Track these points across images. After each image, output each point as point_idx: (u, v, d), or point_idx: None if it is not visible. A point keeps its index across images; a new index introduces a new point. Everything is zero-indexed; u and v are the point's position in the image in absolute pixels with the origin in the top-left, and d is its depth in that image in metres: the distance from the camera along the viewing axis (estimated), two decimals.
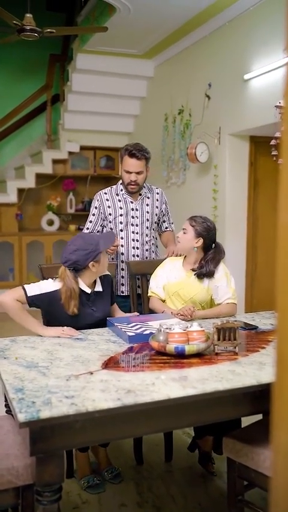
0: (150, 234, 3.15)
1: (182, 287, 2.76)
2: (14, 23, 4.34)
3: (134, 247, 3.09)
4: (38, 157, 7.00)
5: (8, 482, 1.74)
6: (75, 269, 2.39)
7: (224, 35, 4.86)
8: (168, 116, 5.90)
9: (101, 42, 5.67)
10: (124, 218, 3.07)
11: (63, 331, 2.34)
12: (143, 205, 3.13)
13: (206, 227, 2.75)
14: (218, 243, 2.83)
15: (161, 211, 3.21)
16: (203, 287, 2.73)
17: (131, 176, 3.01)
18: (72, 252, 2.38)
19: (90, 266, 2.40)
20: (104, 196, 3.13)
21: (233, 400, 1.87)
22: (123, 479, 2.62)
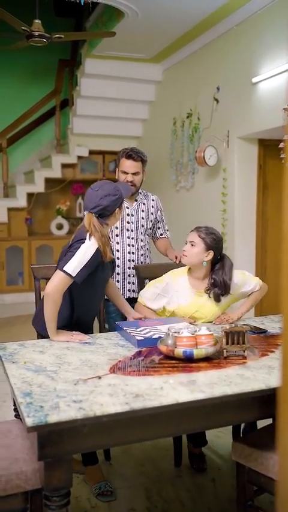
0: (144, 240, 3.18)
1: (196, 309, 2.62)
2: (23, 29, 4.37)
3: (129, 252, 3.11)
4: (47, 161, 7.04)
5: (16, 486, 1.74)
6: (101, 216, 2.37)
7: (232, 39, 4.86)
8: (177, 120, 5.90)
9: (109, 47, 5.69)
10: (119, 223, 3.09)
11: (72, 336, 2.34)
12: (138, 211, 3.15)
13: (215, 238, 2.59)
14: (224, 254, 2.69)
15: (155, 218, 3.24)
16: (220, 307, 2.63)
17: (128, 177, 3.04)
18: (103, 197, 2.34)
19: (115, 213, 2.40)
20: None
21: (242, 405, 1.86)
22: (115, 499, 2.50)
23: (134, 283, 3.11)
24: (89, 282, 2.36)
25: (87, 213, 2.37)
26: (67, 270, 2.25)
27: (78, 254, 2.27)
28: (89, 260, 2.28)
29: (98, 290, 2.51)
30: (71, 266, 2.25)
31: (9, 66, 7.14)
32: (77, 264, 2.26)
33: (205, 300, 2.63)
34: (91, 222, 2.34)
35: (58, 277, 2.27)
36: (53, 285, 2.26)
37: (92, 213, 2.36)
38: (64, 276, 2.26)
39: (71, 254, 2.28)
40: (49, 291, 2.26)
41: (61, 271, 2.26)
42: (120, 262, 3.09)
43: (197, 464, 2.76)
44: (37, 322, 2.49)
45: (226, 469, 2.75)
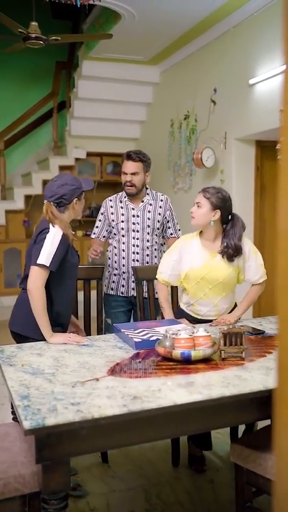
0: (151, 240, 3.21)
1: (209, 271, 2.58)
2: (20, 31, 4.38)
3: (134, 252, 3.18)
4: (45, 164, 7.03)
5: (14, 489, 1.73)
6: (59, 205, 2.41)
7: (229, 41, 4.87)
8: (174, 122, 5.91)
9: (106, 49, 5.70)
10: (125, 224, 3.17)
11: (70, 338, 2.33)
12: (144, 211, 3.20)
13: (221, 197, 2.56)
14: (235, 214, 2.64)
15: (164, 218, 3.27)
16: (233, 268, 2.60)
17: (127, 177, 3.12)
18: (60, 186, 2.41)
19: (74, 203, 2.44)
20: (109, 203, 3.26)
21: (240, 406, 1.86)
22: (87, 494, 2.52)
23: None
24: (62, 270, 2.39)
25: (46, 202, 2.43)
26: (40, 262, 2.28)
27: (46, 244, 2.31)
28: (58, 246, 2.33)
29: (72, 277, 2.52)
30: (43, 257, 2.29)
31: (7, 69, 7.14)
32: (48, 254, 2.30)
33: (218, 261, 2.60)
34: (48, 210, 2.39)
35: (34, 272, 2.30)
36: (32, 282, 2.29)
37: (50, 202, 2.41)
38: (39, 269, 2.29)
39: (39, 246, 2.32)
40: (31, 288, 2.29)
41: (35, 266, 2.29)
42: (125, 262, 3.17)
43: (196, 466, 2.76)
44: (14, 322, 2.47)
45: (225, 471, 2.75)
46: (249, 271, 2.66)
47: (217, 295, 2.65)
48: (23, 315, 2.41)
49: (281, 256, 0.70)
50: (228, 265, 2.60)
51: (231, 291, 2.70)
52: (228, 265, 2.61)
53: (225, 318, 2.62)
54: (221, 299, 2.67)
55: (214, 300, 2.66)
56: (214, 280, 2.60)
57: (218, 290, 2.64)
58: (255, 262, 2.64)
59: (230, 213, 2.63)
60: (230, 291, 2.69)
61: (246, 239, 2.67)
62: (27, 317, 2.37)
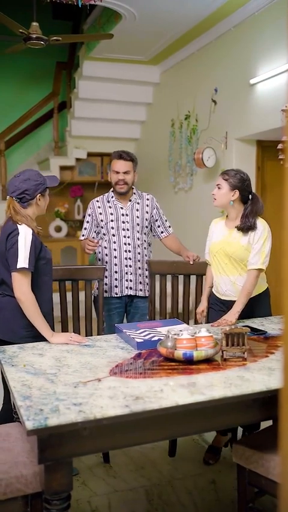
0: (142, 238, 3.24)
1: (225, 245, 2.73)
2: (21, 32, 4.37)
3: (126, 251, 3.19)
4: (46, 164, 7.03)
5: (17, 490, 1.73)
6: (22, 201, 2.39)
7: (230, 40, 4.87)
8: (175, 122, 5.90)
9: (107, 49, 5.70)
10: (115, 223, 3.19)
11: (71, 338, 2.33)
12: (133, 210, 3.23)
13: (239, 178, 2.71)
14: (255, 194, 2.78)
15: (151, 216, 3.29)
16: (242, 245, 2.67)
17: (119, 176, 3.16)
18: (22, 181, 2.39)
19: (37, 199, 2.41)
20: (96, 204, 3.27)
21: (242, 407, 1.86)
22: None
23: (132, 280, 3.19)
24: (38, 268, 2.38)
25: (8, 198, 2.40)
26: (20, 266, 2.26)
27: (20, 246, 2.29)
28: (31, 245, 2.31)
29: (48, 273, 2.49)
30: (21, 260, 2.27)
31: (7, 69, 7.14)
32: (24, 256, 2.28)
33: (234, 236, 2.72)
34: (11, 206, 2.37)
35: (17, 278, 2.28)
36: (18, 288, 2.27)
37: (13, 197, 2.39)
38: (20, 274, 2.27)
39: (13, 251, 2.29)
40: (19, 296, 2.27)
41: (16, 272, 2.27)
42: (117, 261, 3.17)
43: (209, 458, 2.81)
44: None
45: (226, 471, 2.74)
46: (251, 252, 2.66)
47: (234, 273, 2.72)
48: (4, 320, 2.39)
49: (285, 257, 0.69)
50: (242, 240, 2.68)
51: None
52: (242, 241, 2.68)
53: (226, 318, 2.62)
54: (238, 277, 2.72)
55: (231, 277, 2.73)
56: (229, 254, 2.71)
57: (233, 267, 2.71)
58: (259, 246, 2.66)
59: (250, 193, 2.75)
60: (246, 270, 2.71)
61: (264, 223, 2.72)
62: (8, 322, 2.37)
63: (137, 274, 3.19)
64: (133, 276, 3.18)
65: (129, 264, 3.18)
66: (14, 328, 2.37)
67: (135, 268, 3.18)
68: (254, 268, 2.65)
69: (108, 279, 3.17)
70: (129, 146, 7.07)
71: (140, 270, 3.19)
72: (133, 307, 3.24)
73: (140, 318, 3.19)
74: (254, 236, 2.67)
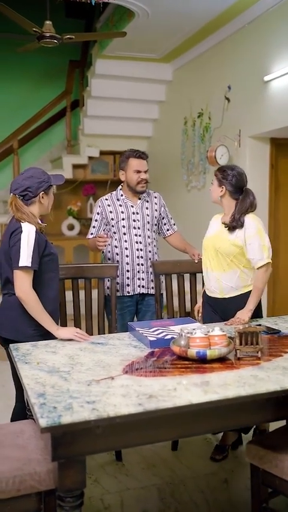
0: (152, 236, 3.25)
1: (213, 240, 2.76)
2: (34, 30, 4.38)
3: (138, 249, 3.18)
4: (58, 162, 7.04)
5: (30, 487, 1.74)
6: (25, 198, 2.38)
7: (244, 37, 4.83)
8: (188, 120, 5.88)
9: (119, 47, 5.69)
10: (126, 222, 3.18)
11: (76, 334, 2.33)
12: (143, 208, 3.23)
13: (228, 174, 2.72)
14: (246, 190, 2.74)
15: (160, 214, 3.30)
16: (228, 239, 2.66)
17: (141, 175, 3.17)
18: (25, 179, 2.38)
19: (40, 197, 2.40)
20: (106, 202, 3.24)
21: (256, 406, 1.84)
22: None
23: (144, 279, 3.19)
24: (44, 265, 2.38)
25: (11, 195, 2.39)
26: (22, 265, 2.26)
27: (23, 244, 2.29)
28: (35, 243, 2.31)
29: (54, 270, 2.49)
30: (23, 259, 2.27)
31: (20, 68, 7.17)
32: (27, 254, 2.27)
33: (222, 231, 2.73)
34: (13, 203, 2.36)
35: (19, 276, 2.28)
36: (19, 287, 2.28)
37: (15, 195, 2.38)
38: (22, 272, 2.28)
39: (16, 248, 2.29)
40: (20, 294, 2.28)
41: (17, 270, 2.28)
42: (129, 260, 3.16)
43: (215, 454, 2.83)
44: (0, 326, 2.43)
45: (239, 470, 2.73)
46: (251, 251, 2.62)
47: (218, 269, 2.71)
48: (10, 319, 2.39)
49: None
50: (229, 236, 2.67)
51: (234, 268, 2.67)
52: (229, 237, 2.67)
53: (239, 317, 2.61)
54: (222, 275, 2.71)
55: (216, 273, 2.73)
56: (216, 248, 2.71)
57: (219, 262, 2.70)
58: (258, 242, 2.60)
59: (241, 188, 2.73)
60: (232, 268, 2.68)
61: (254, 218, 2.68)
62: (15, 321, 2.37)
63: (148, 273, 3.18)
64: (145, 275, 3.18)
65: (141, 263, 3.17)
66: (20, 327, 2.37)
67: (147, 266, 3.18)
68: (261, 265, 2.61)
69: (119, 278, 3.16)
70: (141, 144, 7.06)
71: (151, 268, 3.19)
72: (144, 305, 3.23)
73: (152, 316, 3.19)
74: (245, 234, 2.62)
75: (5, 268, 2.38)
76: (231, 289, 2.70)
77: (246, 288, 2.70)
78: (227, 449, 2.86)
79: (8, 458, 1.82)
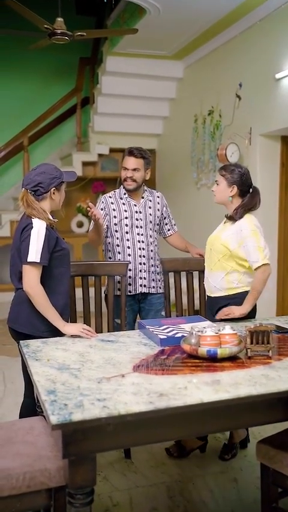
0: (153, 236, 3.22)
1: (212, 238, 2.75)
2: (46, 27, 4.38)
3: (140, 248, 3.15)
4: (68, 159, 7.06)
5: (40, 483, 1.74)
6: (36, 194, 2.39)
7: (255, 34, 4.80)
8: (198, 117, 5.86)
9: (130, 44, 5.68)
10: (129, 221, 3.15)
11: (82, 330, 2.34)
12: (145, 207, 3.20)
13: (237, 173, 2.65)
14: (255, 188, 2.71)
15: (162, 214, 3.27)
16: (221, 237, 2.64)
17: (127, 172, 3.11)
18: (37, 174, 2.39)
19: (51, 193, 2.41)
20: (109, 200, 3.20)
21: (267, 405, 1.83)
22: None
23: (146, 278, 3.16)
24: (55, 260, 2.39)
25: (22, 190, 2.40)
26: (31, 260, 2.28)
27: (32, 239, 2.30)
28: (45, 239, 2.31)
29: (65, 265, 2.50)
30: (32, 254, 2.28)
31: (31, 65, 7.18)
32: (36, 249, 2.28)
33: (221, 231, 2.71)
34: (24, 198, 2.37)
35: (27, 271, 2.30)
36: (26, 282, 2.30)
37: (27, 190, 2.38)
38: (30, 267, 2.29)
39: (26, 244, 2.30)
40: (27, 289, 2.30)
41: (26, 264, 2.29)
42: (131, 259, 3.13)
43: (223, 453, 2.82)
44: (14, 320, 2.44)
45: (248, 469, 2.72)
46: (246, 252, 2.59)
47: (209, 266, 2.73)
48: (24, 313, 2.40)
49: None
50: (224, 234, 2.65)
51: (220, 270, 2.65)
52: (223, 234, 2.65)
53: (232, 309, 2.57)
54: (209, 273, 2.72)
55: (207, 271, 2.75)
56: (209, 247, 2.72)
57: (211, 260, 2.71)
58: (252, 244, 2.56)
59: (250, 186, 2.69)
60: (217, 269, 2.65)
61: (250, 218, 2.63)
62: (30, 316, 2.38)
63: (150, 272, 3.16)
64: (147, 274, 3.15)
65: (143, 262, 3.14)
66: (34, 321, 2.38)
67: (149, 266, 3.15)
68: (258, 266, 2.57)
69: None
70: (151, 142, 7.06)
71: (152, 267, 3.17)
72: (147, 303, 3.20)
73: (155, 314, 3.16)
74: (240, 236, 2.58)
75: (18, 264, 2.39)
76: (215, 288, 2.70)
77: (231, 290, 2.66)
78: (235, 447, 2.85)
79: (19, 454, 1.82)
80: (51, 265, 2.38)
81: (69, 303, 2.57)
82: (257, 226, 2.62)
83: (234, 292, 2.65)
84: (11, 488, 1.71)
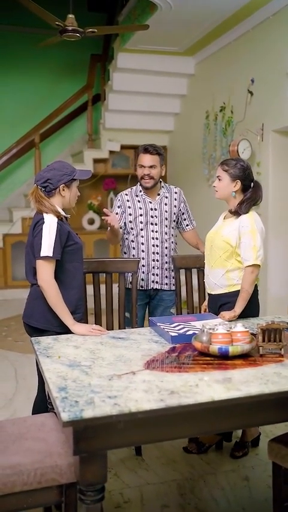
0: (169, 232, 3.21)
1: (213, 234, 2.71)
2: (57, 24, 4.39)
3: (154, 245, 3.16)
4: (79, 156, 7.07)
5: (51, 479, 1.75)
6: (46, 190, 2.41)
7: (268, 29, 4.76)
8: (210, 114, 5.83)
9: (141, 41, 5.66)
10: (144, 218, 3.15)
11: (92, 330, 2.35)
12: (161, 204, 3.18)
13: (240, 167, 2.59)
14: (257, 182, 2.66)
15: (179, 210, 3.26)
16: (222, 234, 2.61)
17: (145, 170, 3.09)
18: (47, 171, 2.42)
19: (60, 189, 2.42)
20: (125, 197, 3.21)
21: (279, 404, 1.81)
22: None
23: (158, 275, 3.17)
24: (67, 255, 2.40)
25: (34, 186, 2.43)
26: (43, 254, 2.30)
27: (44, 234, 2.32)
28: (56, 234, 2.33)
29: (78, 260, 2.51)
30: (44, 248, 2.30)
31: (42, 62, 7.19)
32: (48, 244, 2.30)
33: (222, 227, 2.67)
34: (34, 193, 2.39)
35: (40, 265, 2.32)
36: (40, 276, 2.32)
37: (37, 186, 2.41)
38: (44, 262, 2.31)
39: (38, 239, 2.33)
40: (41, 283, 2.32)
41: (39, 259, 2.31)
42: (145, 255, 3.15)
43: (234, 451, 2.81)
44: (30, 316, 2.46)
45: (260, 468, 2.71)
46: (242, 248, 2.55)
47: (209, 263, 2.70)
48: (39, 308, 2.41)
49: None
50: (225, 230, 2.62)
51: (219, 267, 2.63)
52: (224, 231, 2.62)
53: (222, 314, 2.54)
54: (209, 270, 2.69)
55: (207, 268, 2.73)
56: (210, 244, 2.69)
57: (211, 257, 2.67)
58: (248, 242, 2.53)
59: (252, 181, 2.65)
60: (217, 266, 2.63)
61: (252, 216, 2.58)
62: (43, 311, 2.39)
63: (163, 269, 3.16)
64: (159, 271, 3.16)
65: (156, 259, 3.16)
66: (48, 316, 2.40)
67: (162, 263, 3.15)
68: (248, 265, 2.54)
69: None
70: (163, 139, 7.04)
71: (166, 264, 3.17)
72: (157, 299, 3.21)
73: (163, 311, 3.17)
74: (240, 231, 2.55)
75: (32, 260, 2.41)
76: (216, 286, 2.67)
77: (232, 287, 2.62)
78: (247, 445, 2.84)
79: (30, 450, 1.83)
80: (63, 259, 2.40)
81: (83, 298, 2.58)
82: (258, 226, 2.58)
83: (235, 289, 2.61)
84: (22, 484, 1.71)
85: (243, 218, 2.58)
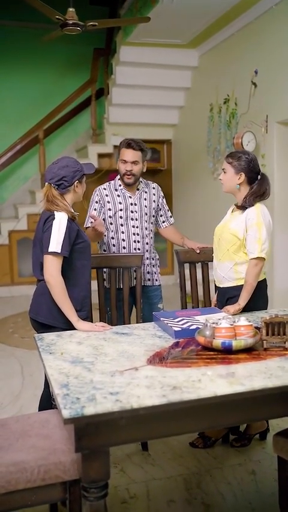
0: (149, 228, 3.16)
1: (220, 228, 2.71)
2: (57, 18, 4.36)
3: (135, 241, 3.10)
4: (84, 151, 7.05)
5: (55, 476, 1.74)
6: (60, 187, 2.41)
7: (271, 20, 4.70)
8: (214, 106, 5.78)
9: (144, 34, 5.62)
10: (124, 213, 3.09)
11: (96, 326, 2.35)
12: (141, 199, 3.14)
13: (244, 160, 2.57)
14: (264, 174, 2.63)
15: (157, 206, 3.21)
16: (230, 227, 2.60)
17: (127, 166, 3.02)
18: (61, 168, 2.41)
19: (74, 186, 2.43)
20: (104, 191, 3.13)
21: (283, 398, 1.80)
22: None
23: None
24: (75, 252, 2.40)
25: (46, 184, 2.42)
26: (52, 250, 2.30)
27: (54, 230, 2.32)
28: (66, 231, 2.33)
29: (86, 258, 2.51)
30: (53, 244, 2.30)
31: (45, 57, 7.17)
32: (57, 240, 2.31)
33: (230, 220, 2.65)
34: (48, 192, 2.39)
35: (47, 261, 2.32)
36: (47, 270, 2.31)
37: (51, 184, 2.40)
38: (52, 257, 2.31)
39: (47, 234, 2.33)
40: (48, 278, 2.32)
41: (47, 255, 2.31)
42: (126, 252, 3.10)
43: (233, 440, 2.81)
44: (36, 311, 2.46)
45: (266, 462, 2.69)
46: (248, 240, 2.54)
47: (218, 256, 2.69)
48: (46, 304, 2.41)
49: None
50: (233, 223, 2.60)
51: (228, 260, 2.61)
52: (232, 224, 2.60)
53: (226, 308, 2.53)
54: (218, 263, 2.68)
55: (215, 261, 2.72)
56: (218, 238, 2.68)
57: (220, 250, 2.66)
58: (254, 234, 2.51)
59: (258, 173, 2.62)
60: (226, 259, 2.61)
61: (259, 209, 2.56)
62: (50, 307, 2.39)
63: (145, 265, 3.11)
64: (142, 267, 3.03)
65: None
66: (55, 312, 2.39)
67: (143, 259, 3.08)
68: (252, 258, 2.52)
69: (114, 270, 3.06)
70: (167, 132, 7.01)
71: (147, 260, 3.13)
72: (144, 296, 3.10)
73: (151, 307, 3.10)
74: (246, 223, 2.54)
75: (40, 255, 2.41)
76: (224, 279, 2.66)
77: (240, 280, 2.60)
78: (248, 438, 2.82)
79: (34, 447, 1.83)
80: (72, 257, 2.40)
81: (89, 296, 2.57)
82: (265, 219, 2.55)
83: (243, 282, 2.59)
84: (26, 481, 1.71)
85: (250, 211, 2.56)
